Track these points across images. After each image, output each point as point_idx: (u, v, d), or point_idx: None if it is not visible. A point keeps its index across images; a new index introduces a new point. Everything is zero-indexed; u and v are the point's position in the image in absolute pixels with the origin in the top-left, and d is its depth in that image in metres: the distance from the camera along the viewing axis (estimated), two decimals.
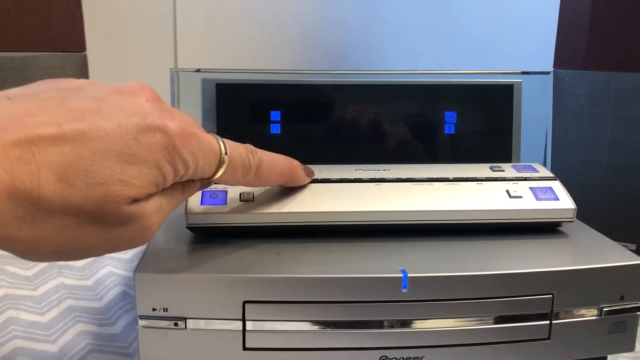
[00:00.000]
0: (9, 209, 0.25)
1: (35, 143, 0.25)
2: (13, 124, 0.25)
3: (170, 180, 0.30)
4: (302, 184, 0.43)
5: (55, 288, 0.60)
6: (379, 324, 0.38)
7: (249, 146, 0.36)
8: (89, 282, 0.62)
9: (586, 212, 0.71)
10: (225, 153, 0.33)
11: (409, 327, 0.38)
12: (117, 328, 0.52)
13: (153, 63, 0.59)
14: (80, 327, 0.52)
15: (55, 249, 0.28)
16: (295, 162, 0.41)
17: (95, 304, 0.57)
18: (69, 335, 0.51)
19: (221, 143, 0.33)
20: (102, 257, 0.68)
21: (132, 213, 0.29)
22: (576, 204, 0.44)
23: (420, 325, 0.38)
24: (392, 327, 0.38)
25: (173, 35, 0.94)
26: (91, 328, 0.52)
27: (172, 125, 0.29)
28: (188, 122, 0.30)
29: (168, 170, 0.29)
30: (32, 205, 0.25)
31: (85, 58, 0.76)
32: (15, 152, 0.25)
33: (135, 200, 0.29)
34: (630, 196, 0.69)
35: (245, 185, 0.37)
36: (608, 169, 0.69)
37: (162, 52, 0.95)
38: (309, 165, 0.44)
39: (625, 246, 0.70)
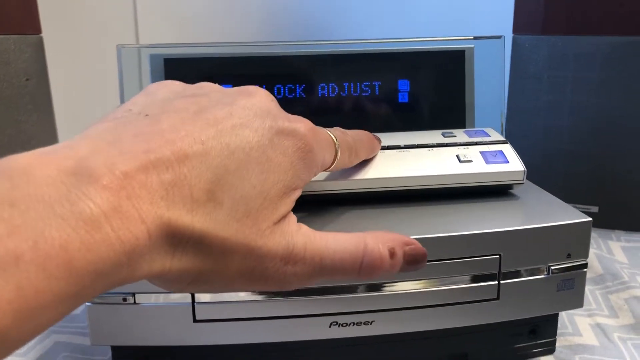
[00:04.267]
0: (162, 245, 0.22)
1: (184, 163, 0.22)
2: (159, 144, 0.22)
3: (303, 185, 0.28)
4: (376, 152, 0.43)
5: None
6: (328, 291, 0.38)
7: (339, 128, 0.34)
8: None
9: (549, 177, 0.71)
10: (336, 140, 0.32)
11: (358, 292, 0.38)
12: (78, 309, 0.52)
13: (113, 43, 0.58)
14: None
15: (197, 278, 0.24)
16: (367, 132, 0.40)
17: None
18: None
19: (329, 132, 0.31)
20: None
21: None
22: (539, 168, 0.45)
23: (368, 290, 0.38)
24: (341, 293, 0.38)
25: (133, 13, 0.93)
26: None
27: (301, 126, 0.27)
28: (306, 120, 0.28)
29: (304, 174, 0.27)
30: (186, 236, 0.22)
31: (41, 40, 0.74)
32: (167, 176, 0.22)
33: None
34: (592, 159, 0.69)
35: (345, 167, 0.36)
36: (569, 133, 0.70)
37: (123, 31, 0.93)
38: None
39: (587, 209, 0.71)
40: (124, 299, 0.37)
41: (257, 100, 0.27)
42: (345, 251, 0.27)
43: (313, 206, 0.43)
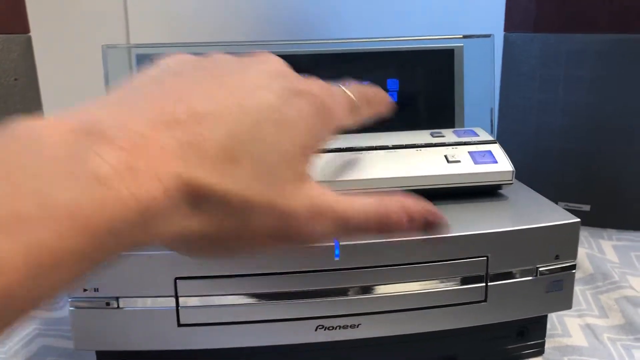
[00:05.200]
0: (181, 204, 0.21)
1: (200, 123, 0.22)
2: (173, 105, 0.22)
3: (321, 144, 0.27)
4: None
5: None
6: (313, 294, 0.38)
7: (355, 83, 0.33)
8: None
9: (541, 175, 0.71)
10: (354, 97, 0.31)
11: (344, 295, 0.38)
12: (64, 312, 0.52)
13: (103, 42, 0.57)
14: None
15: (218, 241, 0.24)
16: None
17: None
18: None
19: (345, 89, 0.31)
20: None
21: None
22: (530, 167, 0.44)
23: (355, 293, 0.38)
24: (326, 296, 0.38)
25: (124, 12, 0.92)
26: (38, 313, 0.52)
27: (315, 86, 0.27)
28: (320, 80, 0.29)
29: (322, 133, 0.27)
30: (206, 196, 0.22)
31: (29, 40, 0.74)
32: (182, 135, 0.21)
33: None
34: (584, 158, 0.69)
35: (370, 119, 0.34)
36: (562, 132, 0.69)
37: (113, 30, 0.92)
38: None
39: (579, 207, 0.71)
40: (107, 303, 0.37)
41: (270, 65, 0.27)
42: (370, 211, 0.27)
43: None
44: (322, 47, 0.52)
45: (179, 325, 0.37)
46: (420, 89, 0.53)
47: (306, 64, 0.52)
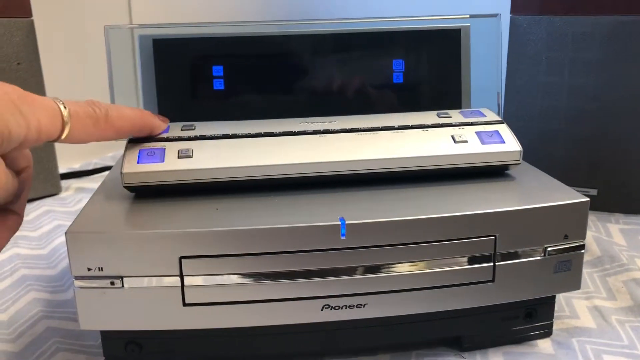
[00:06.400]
0: None
1: None
2: None
3: (14, 139, 0.29)
4: (159, 130, 0.43)
5: (9, 259, 0.59)
6: (319, 274, 0.37)
7: (90, 100, 0.35)
8: (44, 251, 0.61)
9: (547, 158, 0.70)
10: (65, 107, 0.32)
11: (350, 274, 0.37)
12: (69, 294, 0.52)
13: (105, 25, 0.57)
14: (32, 295, 0.52)
15: None
16: (143, 110, 0.41)
17: (49, 272, 0.56)
18: (20, 304, 0.50)
19: (57, 101, 0.32)
20: (59, 225, 0.67)
21: None
22: (536, 150, 0.44)
23: (361, 272, 0.38)
24: (332, 275, 0.37)
25: None
26: (43, 296, 0.52)
27: (4, 85, 0.29)
28: (16, 87, 0.30)
29: (13, 124, 0.28)
30: None
31: (32, 24, 0.73)
32: None
33: None
34: (590, 141, 0.68)
35: (102, 138, 0.36)
36: (567, 115, 0.69)
37: (115, 13, 0.91)
38: (247, 121, 0.43)
39: (586, 192, 0.70)
40: (112, 283, 0.36)
41: None
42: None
43: (317, 186, 0.42)
44: (326, 27, 0.52)
45: (184, 304, 0.37)
46: (426, 70, 0.53)
47: (310, 44, 0.52)
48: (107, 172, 0.87)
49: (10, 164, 0.32)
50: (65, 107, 0.32)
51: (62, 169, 0.84)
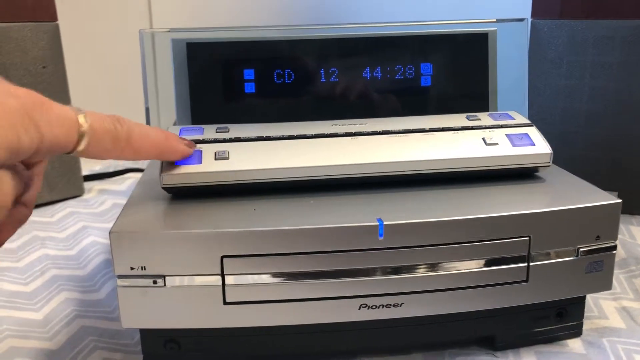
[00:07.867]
0: None
1: None
2: None
3: (25, 150, 0.28)
4: (183, 156, 0.40)
5: (39, 259, 0.60)
6: (357, 273, 0.38)
7: (116, 115, 0.34)
8: (73, 252, 0.62)
9: (567, 161, 0.71)
10: (85, 121, 0.31)
11: (388, 274, 0.38)
12: (102, 294, 0.52)
13: (127, 29, 0.57)
14: (64, 295, 0.52)
15: None
16: (169, 133, 0.39)
17: (78, 272, 0.57)
18: (53, 304, 0.51)
19: (79, 113, 0.31)
20: (85, 227, 0.68)
21: None
22: (557, 153, 0.44)
23: (398, 272, 0.38)
24: (370, 275, 0.38)
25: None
26: (75, 295, 0.52)
27: (22, 92, 0.28)
28: (36, 93, 0.29)
29: (24, 135, 0.27)
30: None
31: (57, 28, 0.74)
32: None
33: None
34: (611, 144, 0.69)
35: (120, 157, 0.35)
36: (588, 117, 0.69)
37: (136, 17, 0.92)
38: (279, 124, 0.44)
39: None
40: (155, 282, 0.37)
41: None
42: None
43: (350, 188, 0.43)
44: (355, 30, 0.52)
45: (225, 303, 0.38)
46: (454, 73, 0.53)
47: (339, 48, 0.52)
48: (128, 174, 0.88)
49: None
50: (86, 121, 0.31)
51: (84, 170, 0.84)
